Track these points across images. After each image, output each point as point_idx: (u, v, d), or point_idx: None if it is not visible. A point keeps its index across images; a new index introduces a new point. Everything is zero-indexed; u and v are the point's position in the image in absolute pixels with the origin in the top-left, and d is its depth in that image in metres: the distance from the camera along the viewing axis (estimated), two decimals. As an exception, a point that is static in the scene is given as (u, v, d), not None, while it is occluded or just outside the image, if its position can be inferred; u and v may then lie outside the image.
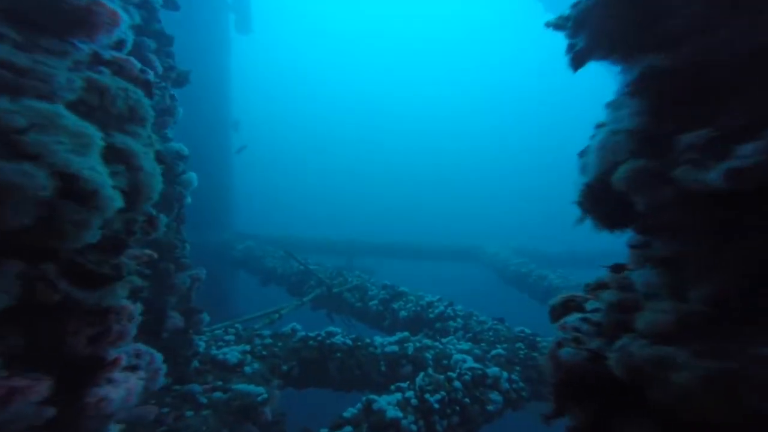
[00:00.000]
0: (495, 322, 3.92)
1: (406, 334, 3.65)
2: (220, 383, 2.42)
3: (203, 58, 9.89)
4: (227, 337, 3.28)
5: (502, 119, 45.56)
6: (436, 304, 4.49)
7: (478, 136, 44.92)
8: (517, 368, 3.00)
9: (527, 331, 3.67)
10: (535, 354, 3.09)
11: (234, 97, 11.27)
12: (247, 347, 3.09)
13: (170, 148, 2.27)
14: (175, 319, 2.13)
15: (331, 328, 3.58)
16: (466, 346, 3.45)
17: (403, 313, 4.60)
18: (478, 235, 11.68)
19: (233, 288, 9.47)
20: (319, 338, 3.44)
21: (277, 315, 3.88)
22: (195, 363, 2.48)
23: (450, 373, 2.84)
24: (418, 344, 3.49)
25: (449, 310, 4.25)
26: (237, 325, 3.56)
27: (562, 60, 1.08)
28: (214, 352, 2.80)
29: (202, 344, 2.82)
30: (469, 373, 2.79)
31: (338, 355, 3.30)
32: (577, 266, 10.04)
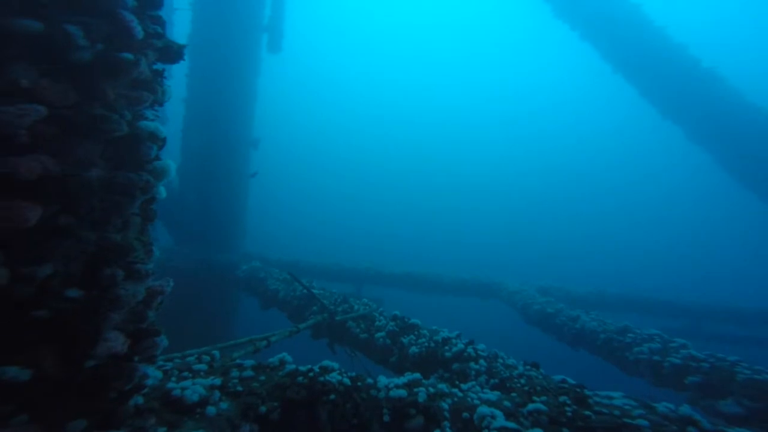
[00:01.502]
0: (528, 367, 3.17)
1: (417, 375, 2.94)
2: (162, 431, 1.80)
3: (232, 81, 10.20)
4: (197, 366, 2.67)
5: (534, 143, 45.25)
6: (453, 341, 3.76)
7: (503, 162, 44.60)
8: (565, 431, 2.24)
9: (570, 380, 2.91)
10: (587, 413, 2.34)
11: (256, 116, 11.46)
12: (219, 380, 2.46)
13: (141, 126, 1.86)
14: (113, 342, 1.59)
15: (327, 363, 2.92)
16: (492, 396, 2.71)
17: (413, 349, 3.88)
18: (495, 269, 10.89)
19: (236, 310, 8.89)
20: (311, 374, 2.78)
21: (264, 342, 3.25)
22: (138, 399, 1.88)
23: (475, 434, 2.12)
24: (431, 390, 2.77)
25: (470, 350, 3.52)
26: (215, 352, 2.96)
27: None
28: (170, 385, 2.19)
29: (158, 374, 2.23)
30: (503, 436, 2.07)
31: (332, 397, 2.61)
32: (604, 309, 9.04)
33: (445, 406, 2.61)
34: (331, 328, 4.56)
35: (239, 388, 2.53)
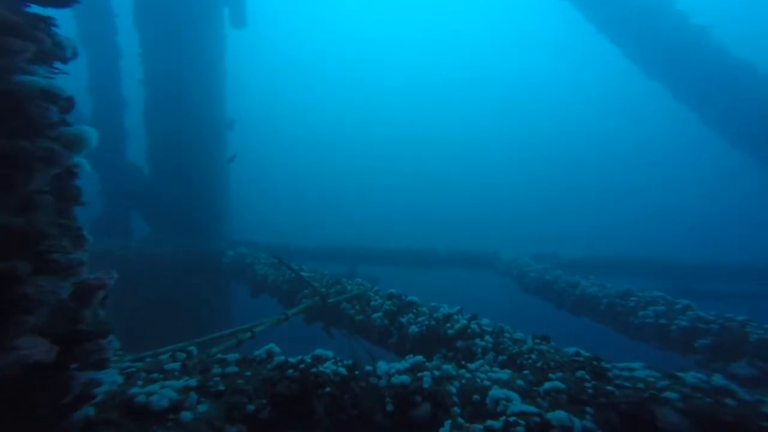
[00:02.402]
0: (537, 340, 2.96)
1: (419, 358, 2.69)
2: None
3: (197, 57, 9.33)
4: (171, 366, 2.34)
5: (515, 119, 45.17)
6: (455, 317, 3.53)
7: (491, 136, 44.38)
8: (589, 410, 2.03)
9: (584, 353, 2.71)
10: (609, 388, 2.12)
11: (229, 95, 10.66)
12: (195, 381, 2.14)
13: (21, 82, 1.34)
14: (29, 350, 1.21)
15: (320, 351, 2.63)
16: (503, 374, 2.49)
17: (413, 329, 3.64)
18: (490, 242, 10.78)
19: (228, 300, 8.57)
20: (302, 366, 2.49)
21: (248, 334, 2.92)
22: (88, 411, 1.54)
23: (492, 423, 1.88)
24: (437, 373, 2.53)
25: (473, 325, 3.29)
26: (192, 348, 2.62)
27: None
28: (134, 391, 1.85)
29: (117, 379, 1.89)
30: (522, 423, 1.83)
31: (327, 389, 2.34)
32: (597, 272, 9.10)
33: (453, 390, 2.37)
34: (325, 312, 4.28)
35: (221, 387, 2.22)
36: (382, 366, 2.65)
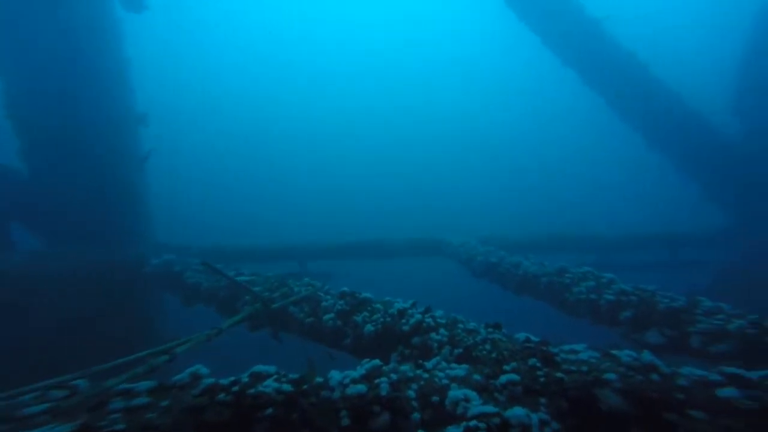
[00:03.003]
0: (490, 329, 3.01)
1: (376, 362, 2.56)
2: None
3: (90, 46, 7.91)
4: (31, 410, 1.81)
5: (451, 105, 46.67)
6: (410, 311, 3.46)
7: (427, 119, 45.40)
8: (543, 401, 2.08)
9: (533, 338, 2.81)
10: (559, 375, 2.21)
11: (138, 89, 9.30)
12: (69, 426, 1.69)
13: None
14: None
15: (259, 368, 2.34)
16: (461, 370, 2.46)
17: (369, 328, 3.50)
18: (438, 228, 11.09)
19: (155, 315, 7.56)
20: (236, 387, 2.17)
21: (165, 357, 2.49)
22: None
23: (451, 430, 1.81)
24: (394, 376, 2.42)
25: (428, 319, 3.25)
26: (79, 382, 2.12)
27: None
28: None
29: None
30: (482, 426, 1.79)
31: (269, 411, 2.08)
32: (538, 251, 9.93)
33: (412, 393, 2.28)
34: (271, 317, 3.93)
35: (119, 427, 1.81)
36: (335, 376, 2.47)
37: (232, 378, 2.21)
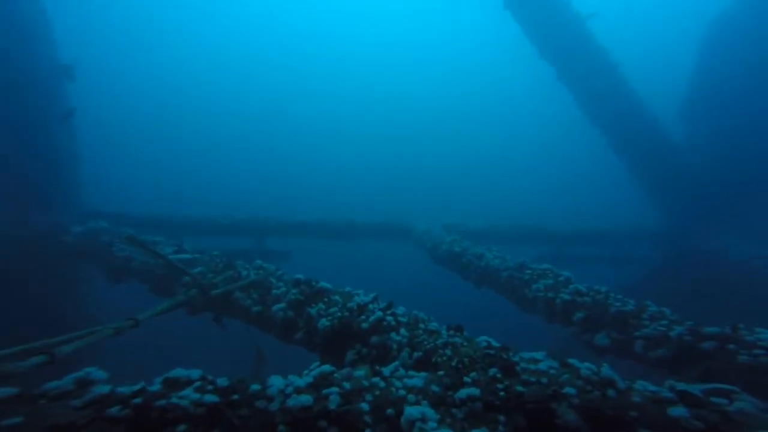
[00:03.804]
0: (451, 332, 2.88)
1: (326, 369, 2.32)
2: None
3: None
4: None
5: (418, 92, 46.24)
6: (370, 307, 3.24)
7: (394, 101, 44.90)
8: (501, 418, 1.97)
9: (494, 342, 2.73)
10: (519, 388, 2.11)
11: (64, 42, 7.86)
12: None
13: None
14: None
15: (178, 372, 1.98)
16: (418, 380, 2.30)
17: (324, 322, 3.24)
18: (403, 213, 10.94)
19: (77, 291, 6.66)
20: (139, 399, 1.73)
21: (44, 357, 1.96)
22: None
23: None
24: (347, 385, 2.20)
25: (389, 318, 3.06)
26: None
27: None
28: None
29: None
30: (439, 454, 1.63)
31: (182, 428, 1.74)
32: (498, 241, 10.23)
33: (365, 406, 2.08)
34: (211, 303, 3.52)
35: None
36: (276, 383, 2.19)
37: (138, 386, 1.82)
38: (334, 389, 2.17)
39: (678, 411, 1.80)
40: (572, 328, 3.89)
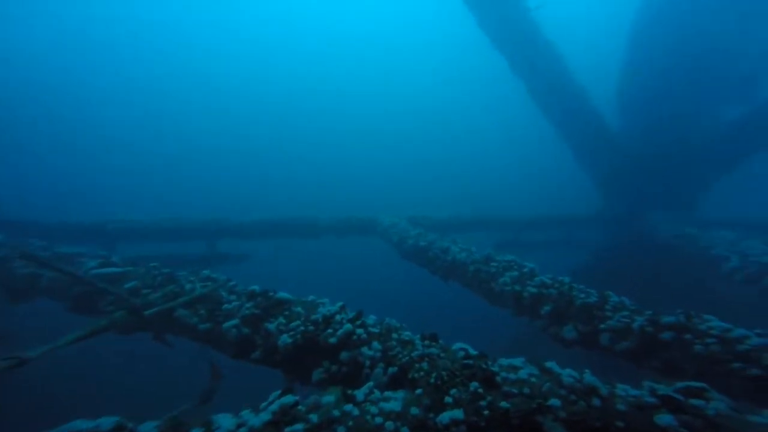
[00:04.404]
0: (426, 342, 2.68)
1: (288, 400, 1.99)
2: None
3: None
4: None
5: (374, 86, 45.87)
6: (337, 318, 2.93)
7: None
8: (488, 442, 1.81)
9: (470, 350, 2.58)
10: (503, 404, 1.96)
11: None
12: None
13: None
14: None
15: (78, 426, 1.54)
16: (396, 403, 2.07)
17: (285, 339, 2.87)
18: (367, 207, 10.64)
19: None
20: None
21: None
22: None
23: None
24: (314, 418, 1.90)
25: (359, 330, 2.78)
26: None
27: None
28: None
29: None
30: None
31: None
32: (461, 230, 10.39)
33: (337, 444, 1.80)
34: (147, 323, 2.97)
35: None
36: (225, 424, 1.83)
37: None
38: (299, 426, 1.86)
39: (664, 419, 1.76)
40: (540, 321, 3.93)
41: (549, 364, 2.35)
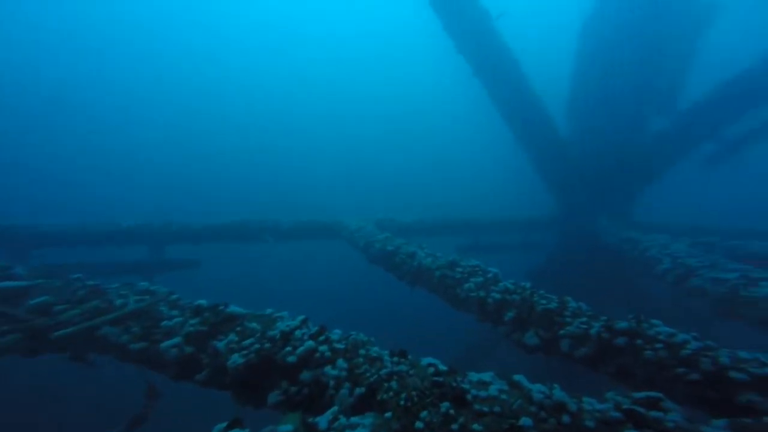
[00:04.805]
0: (395, 359, 2.53)
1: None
2: None
3: None
4: None
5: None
6: (297, 334, 2.67)
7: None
8: (461, 472, 1.69)
9: (440, 366, 2.48)
10: (475, 427, 1.87)
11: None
12: None
13: None
14: None
15: None
16: (363, 430, 1.89)
17: (236, 359, 2.55)
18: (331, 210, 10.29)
19: None
20: None
21: None
22: None
23: None
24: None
25: (322, 347, 2.55)
26: None
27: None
28: None
29: None
30: None
31: None
32: (426, 234, 10.47)
33: (295, 489, 1.58)
34: (59, 345, 2.48)
35: None
36: None
37: None
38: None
39: (630, 435, 1.76)
40: (503, 327, 3.97)
41: (517, 378, 2.31)
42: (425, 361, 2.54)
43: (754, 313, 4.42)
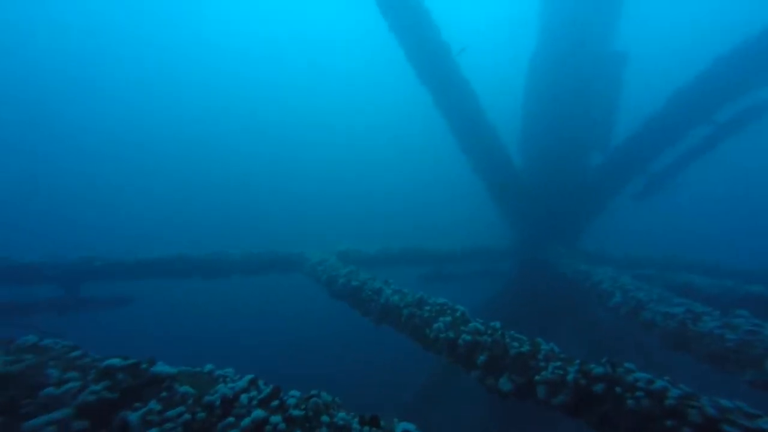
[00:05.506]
0: (366, 428, 2.11)
1: None
2: None
3: None
4: None
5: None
6: (243, 399, 2.15)
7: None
8: None
9: (411, 428, 2.12)
10: None
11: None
12: None
13: None
14: None
15: None
16: None
17: (157, 439, 1.95)
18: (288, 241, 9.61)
19: None
20: None
21: None
22: None
23: None
24: None
25: (275, 418, 2.05)
26: None
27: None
28: None
29: None
30: None
31: None
32: (390, 265, 10.16)
33: None
34: None
35: None
36: None
37: None
38: None
39: None
40: (475, 372, 3.70)
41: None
42: (400, 428, 2.16)
43: (702, 348, 4.65)
